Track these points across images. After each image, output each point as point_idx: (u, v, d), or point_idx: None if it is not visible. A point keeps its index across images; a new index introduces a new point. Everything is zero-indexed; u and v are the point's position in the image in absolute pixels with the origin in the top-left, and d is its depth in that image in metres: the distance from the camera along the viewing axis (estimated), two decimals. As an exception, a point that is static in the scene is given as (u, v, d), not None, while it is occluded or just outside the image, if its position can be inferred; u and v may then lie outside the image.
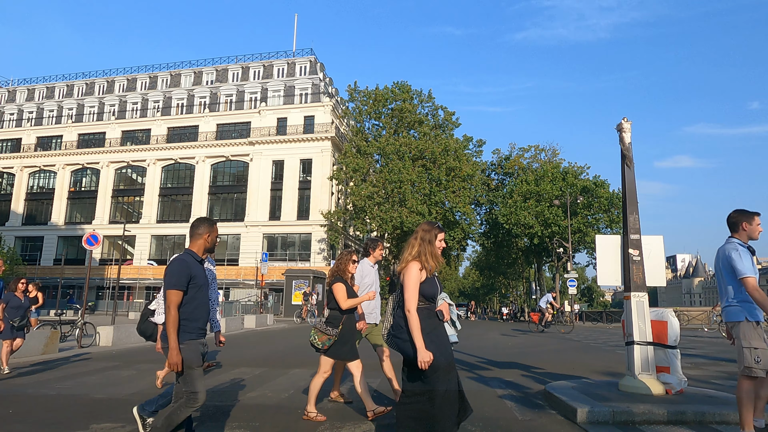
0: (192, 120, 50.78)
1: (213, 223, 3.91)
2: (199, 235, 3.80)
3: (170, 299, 3.49)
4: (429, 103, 42.79)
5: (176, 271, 3.55)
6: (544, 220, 41.98)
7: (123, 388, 6.96)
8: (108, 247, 48.85)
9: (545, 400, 6.32)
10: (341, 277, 5.18)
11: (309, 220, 44.17)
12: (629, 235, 6.31)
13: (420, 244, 3.54)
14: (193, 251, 3.76)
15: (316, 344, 5.01)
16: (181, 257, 3.69)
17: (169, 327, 3.44)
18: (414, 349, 3.27)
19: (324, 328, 5.02)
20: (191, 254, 3.73)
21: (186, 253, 3.75)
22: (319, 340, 4.98)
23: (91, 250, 14.76)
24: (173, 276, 3.54)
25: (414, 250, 3.52)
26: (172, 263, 3.64)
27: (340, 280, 5.15)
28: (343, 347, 5.03)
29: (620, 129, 6.56)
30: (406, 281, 3.42)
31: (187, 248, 3.85)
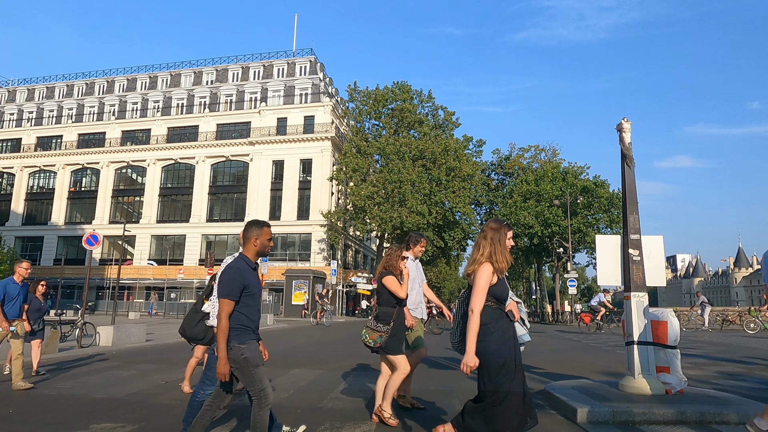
0: (192, 120, 50.80)
1: (261, 225, 3.74)
2: (248, 239, 3.69)
3: (222, 308, 3.42)
4: (429, 103, 42.80)
5: (230, 281, 3.47)
6: (544, 220, 42.00)
7: (123, 388, 6.96)
8: (108, 247, 48.85)
9: (545, 400, 6.32)
10: (392, 271, 5.03)
11: (309, 220, 44.18)
12: (629, 235, 6.31)
13: (491, 244, 3.44)
14: (247, 257, 3.67)
15: (368, 343, 4.87)
16: (235, 265, 3.59)
17: (219, 336, 3.40)
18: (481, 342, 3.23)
19: (375, 325, 4.88)
20: (245, 260, 3.64)
21: (240, 259, 3.65)
22: (370, 338, 4.85)
23: (91, 250, 14.76)
24: (227, 285, 3.46)
25: (485, 251, 3.42)
26: (227, 271, 3.56)
27: (390, 273, 5.00)
28: (392, 342, 4.88)
29: (620, 129, 6.55)
30: (476, 282, 3.35)
31: (241, 253, 3.74)
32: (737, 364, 10.50)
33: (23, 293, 7.30)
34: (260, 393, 3.52)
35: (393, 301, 4.90)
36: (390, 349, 4.84)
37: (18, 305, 7.19)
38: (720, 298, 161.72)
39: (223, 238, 47.71)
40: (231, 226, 46.77)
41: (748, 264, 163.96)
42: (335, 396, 6.54)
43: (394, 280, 4.94)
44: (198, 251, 46.86)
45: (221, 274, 3.60)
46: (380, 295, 5.02)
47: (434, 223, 39.15)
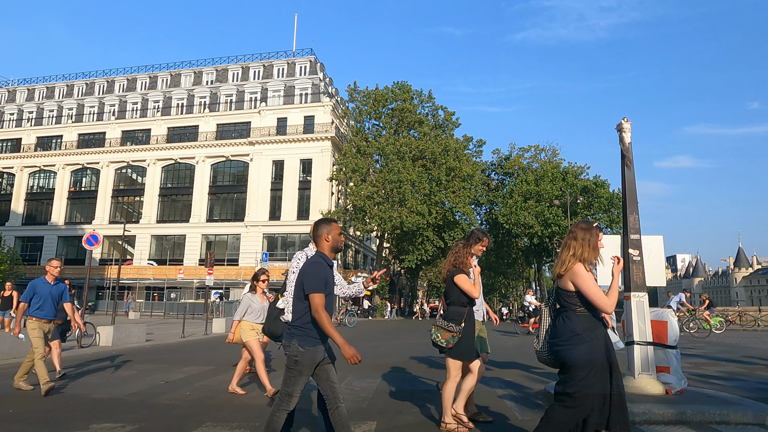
0: (192, 120, 50.78)
1: (330, 221, 3.75)
2: (320, 237, 3.67)
3: (316, 303, 3.37)
4: (429, 103, 42.80)
5: (318, 274, 3.45)
6: (544, 220, 41.99)
7: (123, 388, 6.97)
8: (108, 247, 48.84)
9: (545, 400, 6.32)
10: (462, 269, 4.82)
11: (309, 220, 44.14)
12: (629, 235, 6.32)
13: (582, 246, 3.35)
14: (324, 254, 3.65)
15: (440, 342, 4.63)
16: (317, 260, 3.57)
17: (327, 329, 3.35)
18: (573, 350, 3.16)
19: (446, 324, 4.63)
20: (323, 257, 3.62)
21: (318, 256, 3.63)
22: (442, 338, 4.62)
23: (91, 250, 14.77)
24: (316, 278, 3.42)
25: (576, 252, 3.33)
26: (312, 266, 3.52)
27: (461, 271, 4.78)
28: (465, 346, 4.67)
29: (620, 129, 6.56)
30: (581, 282, 3.23)
31: (318, 251, 3.70)
32: (737, 364, 10.50)
33: (56, 293, 7.01)
34: (287, 396, 3.50)
35: (464, 299, 4.69)
36: (461, 351, 4.65)
37: (52, 305, 6.90)
38: (720, 298, 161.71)
39: (223, 238, 47.70)
40: (231, 226, 46.76)
41: (748, 264, 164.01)
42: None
43: (467, 279, 4.74)
44: (198, 251, 46.85)
45: (305, 268, 3.54)
46: (450, 294, 4.80)
47: (434, 223, 39.14)
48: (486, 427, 4.99)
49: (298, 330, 3.45)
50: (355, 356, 3.34)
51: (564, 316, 3.31)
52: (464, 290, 4.66)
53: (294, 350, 3.41)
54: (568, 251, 3.36)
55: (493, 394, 6.73)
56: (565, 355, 3.23)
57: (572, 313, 3.28)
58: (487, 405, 5.92)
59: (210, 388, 7.06)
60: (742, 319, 27.79)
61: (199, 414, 5.43)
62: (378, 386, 7.26)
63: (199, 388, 7.05)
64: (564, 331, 3.26)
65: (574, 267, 3.28)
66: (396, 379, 7.92)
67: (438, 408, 5.92)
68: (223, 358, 10.98)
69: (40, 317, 6.78)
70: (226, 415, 5.38)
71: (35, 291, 6.82)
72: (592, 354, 3.17)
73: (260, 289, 6.80)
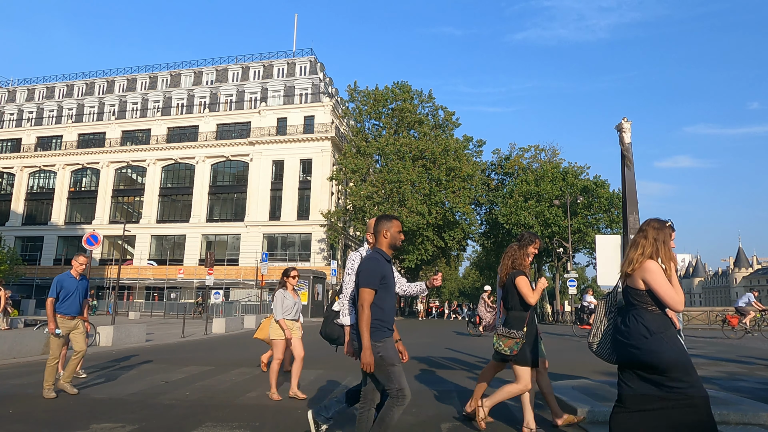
0: (192, 120, 50.79)
1: (390, 218, 3.71)
2: (379, 233, 3.67)
3: (364, 297, 3.38)
4: (429, 103, 42.80)
5: (370, 270, 3.45)
6: (544, 220, 41.98)
7: (123, 388, 6.96)
8: (108, 247, 48.84)
9: (545, 400, 6.31)
10: (522, 270, 4.67)
11: (309, 220, 44.17)
12: (629, 235, 6.31)
13: (653, 244, 3.27)
14: (382, 250, 3.65)
15: (503, 351, 4.49)
16: (373, 256, 3.58)
17: (363, 326, 3.35)
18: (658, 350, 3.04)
19: (507, 331, 4.49)
20: (381, 253, 3.61)
21: (376, 251, 3.63)
22: (506, 346, 4.48)
23: (91, 250, 14.77)
24: (367, 274, 3.44)
25: (645, 251, 3.24)
26: (366, 261, 3.53)
27: (522, 273, 4.63)
28: (528, 351, 4.50)
29: (620, 129, 6.56)
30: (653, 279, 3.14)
31: (375, 247, 3.70)
32: (737, 364, 10.50)
33: (82, 288, 6.88)
34: (398, 392, 3.43)
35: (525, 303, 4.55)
36: (526, 356, 4.49)
37: (78, 301, 6.78)
38: (720, 298, 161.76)
39: (223, 238, 47.70)
40: (231, 226, 46.76)
41: (748, 264, 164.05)
42: (335, 396, 6.53)
43: (527, 282, 4.58)
44: (198, 251, 46.86)
45: (360, 264, 3.55)
46: (509, 299, 4.61)
47: (434, 223, 39.13)
48: (488, 426, 4.98)
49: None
50: (370, 366, 3.35)
51: (634, 315, 3.21)
52: (522, 293, 4.53)
53: (374, 349, 3.39)
54: (638, 250, 3.28)
55: (493, 394, 6.71)
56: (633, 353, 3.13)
57: (644, 311, 3.19)
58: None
59: (210, 388, 7.06)
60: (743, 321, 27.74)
61: (199, 414, 5.43)
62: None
63: (199, 388, 7.04)
64: (638, 330, 3.15)
65: (645, 264, 3.19)
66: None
67: (438, 408, 5.92)
68: (223, 358, 10.98)
69: (63, 313, 6.63)
70: (226, 415, 5.38)
71: (62, 286, 6.66)
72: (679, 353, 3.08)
73: (290, 285, 6.68)
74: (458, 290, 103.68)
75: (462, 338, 17.97)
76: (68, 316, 6.65)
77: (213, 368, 9.15)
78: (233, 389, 7.01)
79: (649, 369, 3.08)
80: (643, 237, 3.32)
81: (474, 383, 7.49)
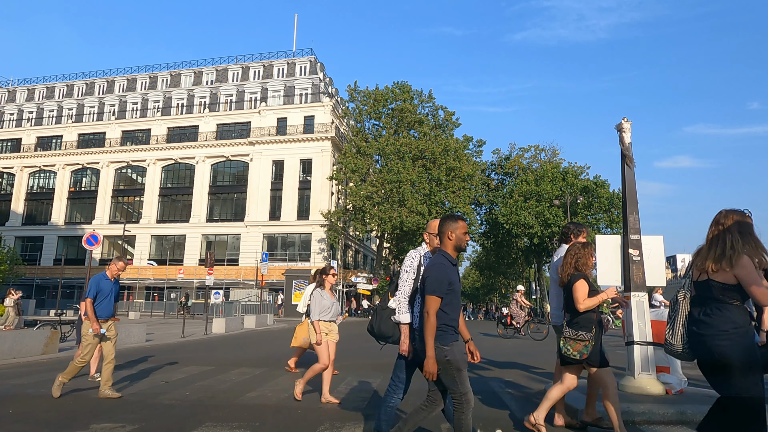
0: (192, 120, 50.78)
1: (456, 219, 3.58)
2: (443, 233, 3.57)
3: (430, 305, 3.33)
4: (429, 103, 42.78)
5: (439, 277, 3.39)
6: (544, 220, 41.99)
7: (123, 388, 6.96)
8: (108, 247, 48.84)
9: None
10: (584, 272, 4.41)
11: (309, 220, 44.17)
12: (629, 235, 6.32)
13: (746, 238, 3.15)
14: (447, 252, 3.55)
15: (573, 355, 4.29)
16: (439, 261, 3.49)
17: (427, 334, 3.31)
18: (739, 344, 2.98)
19: (575, 334, 4.30)
20: (446, 256, 3.52)
21: (440, 255, 3.53)
22: (575, 350, 4.29)
23: (91, 250, 14.78)
24: (435, 282, 3.37)
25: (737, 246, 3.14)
26: (433, 268, 3.45)
27: (582, 276, 4.37)
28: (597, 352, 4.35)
29: (620, 129, 6.56)
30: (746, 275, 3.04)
31: (440, 249, 3.60)
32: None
33: (116, 291, 6.74)
34: (462, 397, 3.40)
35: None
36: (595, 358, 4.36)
37: (111, 304, 6.64)
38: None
39: (223, 238, 47.69)
40: (231, 226, 46.75)
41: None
42: (335, 396, 6.54)
43: (585, 287, 4.31)
44: (198, 251, 46.85)
45: (430, 269, 3.46)
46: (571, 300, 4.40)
47: (434, 223, 39.10)
48: (488, 426, 4.98)
49: (437, 331, 3.38)
50: (433, 375, 3.34)
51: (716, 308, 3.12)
52: (574, 297, 4.30)
53: (439, 352, 3.36)
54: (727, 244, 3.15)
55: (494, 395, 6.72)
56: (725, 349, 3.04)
57: (729, 305, 3.11)
58: (487, 405, 5.92)
59: (210, 388, 7.06)
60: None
61: (199, 414, 5.43)
62: (378, 386, 7.26)
63: (199, 388, 7.04)
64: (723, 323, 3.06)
65: (741, 260, 3.09)
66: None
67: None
68: (223, 358, 10.98)
69: (100, 316, 6.51)
70: (226, 415, 5.38)
71: (99, 287, 6.49)
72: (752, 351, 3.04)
73: (329, 284, 6.34)
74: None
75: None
76: (101, 319, 6.52)
77: (213, 368, 9.15)
78: (233, 389, 7.00)
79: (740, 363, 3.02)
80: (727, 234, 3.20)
81: (474, 383, 7.49)
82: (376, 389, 7.03)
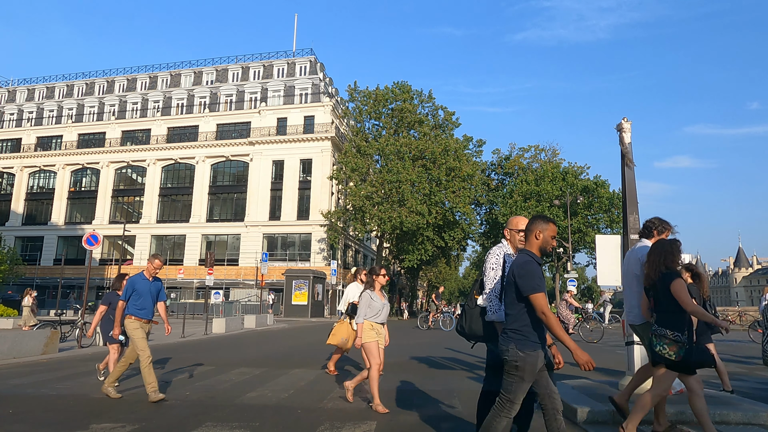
0: (192, 120, 50.78)
1: (548, 221, 3.48)
2: (531, 232, 3.47)
3: (541, 304, 3.21)
4: (429, 103, 42.79)
5: (537, 272, 3.28)
6: (544, 220, 41.94)
7: (123, 388, 6.96)
8: (108, 247, 48.84)
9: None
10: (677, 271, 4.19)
11: (309, 220, 44.17)
12: (629, 235, 6.32)
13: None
14: (532, 252, 3.44)
15: (669, 356, 4.10)
16: (528, 258, 3.37)
17: (557, 331, 3.17)
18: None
19: (672, 334, 4.10)
20: (532, 255, 3.41)
21: (527, 254, 3.42)
22: (671, 350, 4.11)
23: (91, 250, 14.77)
24: (535, 277, 3.26)
25: None
26: (526, 265, 3.32)
27: (677, 275, 4.16)
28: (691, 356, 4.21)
29: (620, 129, 6.56)
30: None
31: (524, 248, 3.51)
32: (737, 364, 10.50)
33: (155, 290, 6.51)
34: (508, 402, 3.31)
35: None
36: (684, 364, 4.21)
37: (150, 304, 6.40)
38: (720, 298, 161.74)
39: (223, 238, 47.69)
40: (231, 226, 46.75)
41: (748, 264, 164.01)
42: (335, 396, 6.54)
43: (685, 288, 4.14)
44: (198, 251, 46.86)
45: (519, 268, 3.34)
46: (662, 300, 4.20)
47: (434, 223, 39.13)
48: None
49: (516, 333, 3.30)
50: (590, 362, 3.18)
51: None
52: (680, 298, 4.11)
53: (513, 355, 3.27)
54: None
55: (493, 394, 6.71)
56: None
57: None
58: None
59: (210, 388, 7.06)
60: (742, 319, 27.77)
61: (199, 414, 5.43)
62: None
63: (199, 388, 7.05)
64: None
65: None
66: (396, 380, 7.92)
67: (436, 407, 5.92)
68: (223, 358, 10.98)
69: (140, 317, 6.29)
70: (226, 415, 5.38)
71: (134, 288, 6.34)
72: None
73: (379, 285, 6.03)
74: (458, 290, 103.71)
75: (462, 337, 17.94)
76: (143, 320, 6.32)
77: (213, 368, 9.15)
78: (233, 389, 7.01)
79: None
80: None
81: (474, 383, 7.49)
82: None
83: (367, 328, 5.78)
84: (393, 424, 5.06)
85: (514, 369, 3.29)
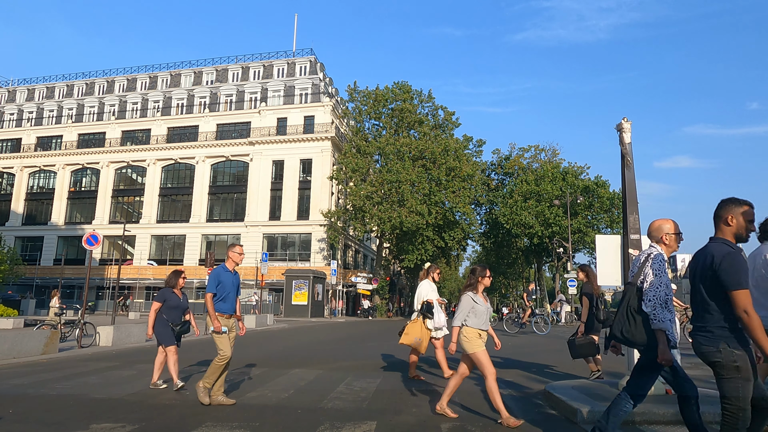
0: (192, 120, 50.78)
1: (741, 203, 3.20)
2: (721, 218, 3.17)
3: (744, 301, 2.92)
4: (429, 103, 42.82)
5: (744, 266, 2.99)
6: (545, 220, 42.03)
7: (123, 388, 6.97)
8: (108, 247, 48.84)
9: (545, 400, 6.33)
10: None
11: (309, 220, 44.18)
12: (629, 235, 6.32)
13: None
14: (728, 240, 3.14)
15: None
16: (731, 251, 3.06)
17: (757, 333, 2.88)
18: None
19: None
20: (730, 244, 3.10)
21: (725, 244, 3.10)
22: None
23: (91, 250, 14.77)
24: (741, 271, 2.95)
25: None
26: (730, 256, 3.02)
27: None
28: None
29: (620, 129, 6.57)
30: None
31: (720, 237, 3.19)
32: None
33: (237, 284, 6.06)
34: (739, 411, 2.98)
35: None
36: None
37: (234, 298, 5.98)
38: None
39: (223, 238, 47.68)
40: (231, 226, 46.74)
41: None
42: (335, 396, 6.54)
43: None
44: (198, 251, 46.86)
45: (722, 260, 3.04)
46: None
47: (434, 223, 39.15)
48: (488, 426, 4.98)
49: (723, 330, 3.05)
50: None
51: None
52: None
53: (729, 355, 3.01)
54: None
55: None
56: None
57: None
58: (487, 405, 5.92)
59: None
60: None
61: (199, 414, 5.43)
62: (378, 386, 7.26)
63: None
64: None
65: None
66: (396, 379, 7.92)
67: (435, 405, 5.91)
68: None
69: (224, 311, 5.86)
70: (226, 415, 5.38)
71: (220, 280, 5.87)
72: None
73: (483, 286, 5.50)
74: (458, 290, 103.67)
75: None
76: (226, 315, 5.87)
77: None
78: (233, 389, 7.01)
79: None
80: None
81: (474, 383, 7.49)
82: (376, 389, 7.02)
83: (474, 336, 5.24)
84: (393, 424, 5.06)
85: (735, 371, 2.99)
